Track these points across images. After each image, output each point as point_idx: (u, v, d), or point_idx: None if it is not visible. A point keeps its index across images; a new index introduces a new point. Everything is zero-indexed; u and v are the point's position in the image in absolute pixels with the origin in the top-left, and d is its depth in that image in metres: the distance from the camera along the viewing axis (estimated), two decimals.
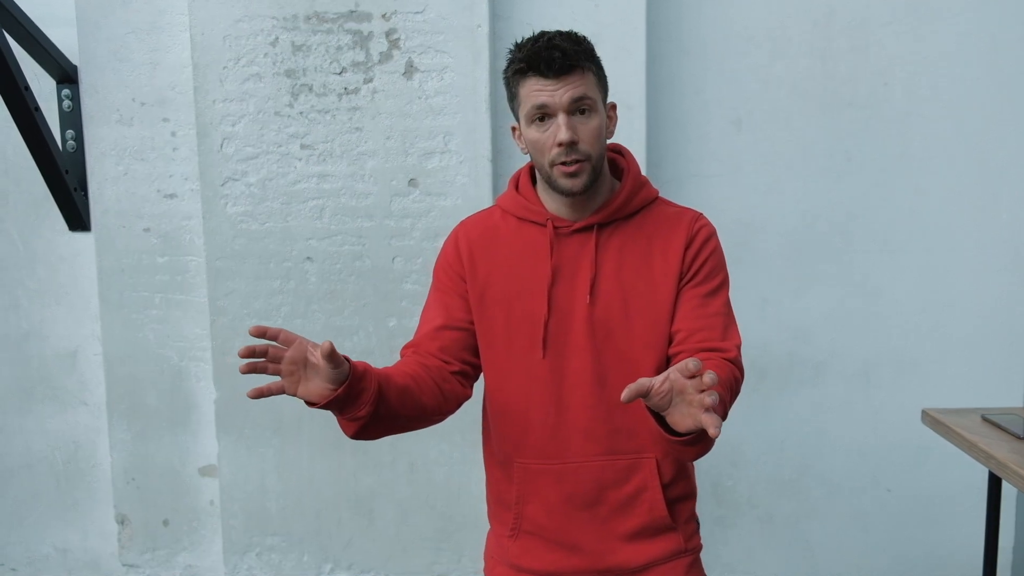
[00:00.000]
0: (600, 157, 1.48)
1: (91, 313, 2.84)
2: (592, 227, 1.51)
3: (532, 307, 1.51)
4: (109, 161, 2.68)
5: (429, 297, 1.62)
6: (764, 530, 2.78)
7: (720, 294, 1.51)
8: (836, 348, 2.70)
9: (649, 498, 1.51)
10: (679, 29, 2.62)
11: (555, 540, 1.54)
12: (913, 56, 2.60)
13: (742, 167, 2.66)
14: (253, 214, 2.55)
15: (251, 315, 2.58)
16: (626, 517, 1.52)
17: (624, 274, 1.49)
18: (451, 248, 1.60)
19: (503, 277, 1.53)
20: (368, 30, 2.46)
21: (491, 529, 1.66)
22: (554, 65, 1.40)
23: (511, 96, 1.51)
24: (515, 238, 1.54)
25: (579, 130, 1.43)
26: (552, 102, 1.42)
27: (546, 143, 1.44)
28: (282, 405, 2.59)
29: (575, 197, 1.48)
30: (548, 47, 1.41)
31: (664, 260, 1.50)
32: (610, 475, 1.51)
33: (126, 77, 2.65)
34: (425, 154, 2.49)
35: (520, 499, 1.55)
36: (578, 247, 1.51)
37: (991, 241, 2.64)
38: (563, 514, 1.53)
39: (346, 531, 2.64)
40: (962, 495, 2.71)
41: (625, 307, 1.48)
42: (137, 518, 2.81)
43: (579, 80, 1.42)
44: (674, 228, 1.52)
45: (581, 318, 1.49)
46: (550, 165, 1.45)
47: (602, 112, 1.47)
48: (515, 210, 1.56)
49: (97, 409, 2.89)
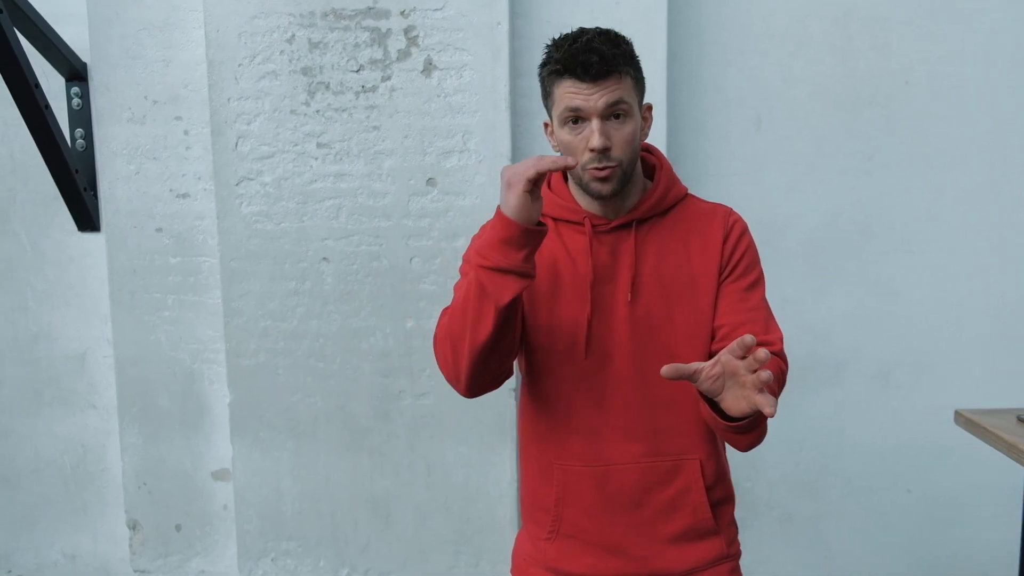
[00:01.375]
0: (632, 162, 1.46)
1: (101, 315, 2.80)
2: (631, 224, 1.49)
3: (574, 307, 1.48)
4: (120, 160, 2.64)
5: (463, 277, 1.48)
6: (783, 531, 2.76)
7: (758, 288, 1.51)
8: (856, 348, 2.68)
9: (693, 500, 1.49)
10: (699, 28, 2.60)
11: (595, 543, 1.51)
12: (934, 55, 2.58)
13: (763, 166, 2.64)
14: (268, 214, 2.52)
15: (266, 316, 2.54)
16: (669, 520, 1.49)
17: (664, 271, 1.48)
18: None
19: (543, 277, 1.49)
20: (386, 27, 2.43)
21: (524, 528, 1.63)
22: (591, 70, 1.37)
23: (545, 94, 1.48)
24: (552, 237, 1.51)
25: (612, 136, 1.41)
26: (587, 106, 1.39)
27: (578, 147, 1.42)
28: (298, 407, 2.57)
29: (605, 199, 1.47)
30: (586, 50, 1.38)
31: (703, 255, 1.49)
32: (653, 477, 1.48)
33: (138, 75, 2.61)
34: (443, 153, 2.46)
35: (559, 502, 1.52)
36: (617, 245, 1.49)
37: (1010, 241, 2.62)
38: (604, 517, 1.50)
39: (363, 535, 2.60)
40: (983, 496, 2.70)
41: (667, 304, 1.47)
42: (149, 523, 2.77)
43: (615, 85, 1.40)
44: (710, 223, 1.51)
45: (622, 316, 1.47)
46: (581, 168, 1.44)
47: (637, 116, 1.45)
48: (550, 209, 1.53)
49: (107, 412, 2.85)
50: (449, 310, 1.43)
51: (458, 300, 1.39)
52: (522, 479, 1.63)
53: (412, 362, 2.52)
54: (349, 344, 2.53)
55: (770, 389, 1.28)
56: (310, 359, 2.55)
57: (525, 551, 1.61)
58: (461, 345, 1.38)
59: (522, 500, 1.64)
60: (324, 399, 2.56)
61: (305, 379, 2.56)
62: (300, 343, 2.54)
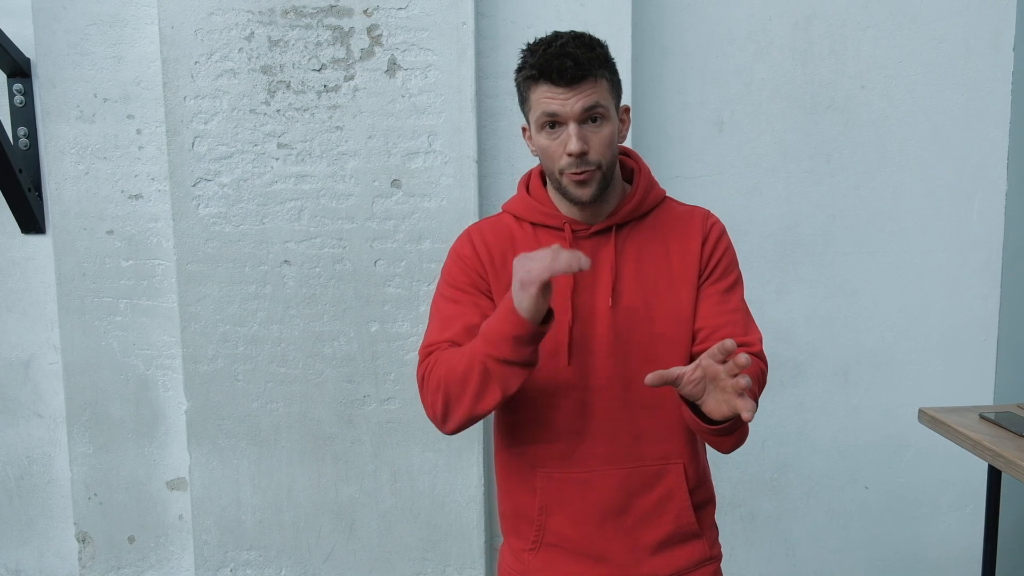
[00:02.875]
0: (611, 165, 1.46)
1: (46, 320, 2.69)
2: (610, 229, 1.49)
3: (556, 313, 1.45)
4: (68, 160, 2.54)
5: (443, 301, 1.51)
6: (746, 529, 2.79)
7: (737, 290, 1.52)
8: (817, 348, 2.72)
9: (676, 505, 1.50)
10: (662, 31, 2.61)
11: (580, 551, 1.50)
12: (890, 60, 2.64)
13: (724, 169, 2.66)
14: (227, 216, 2.44)
15: (225, 321, 2.47)
16: (654, 526, 1.49)
17: (644, 275, 1.48)
18: (467, 249, 1.52)
19: None
20: (349, 26, 2.38)
21: (506, 543, 1.61)
22: (566, 75, 1.37)
23: (521, 99, 1.47)
24: (532, 243, 1.50)
25: (590, 139, 1.40)
26: (563, 111, 1.39)
27: (556, 151, 1.41)
28: (259, 414, 2.50)
29: (584, 204, 1.46)
30: (560, 55, 1.38)
31: (682, 259, 1.49)
32: (636, 482, 1.48)
33: (87, 71, 2.51)
34: (408, 154, 2.42)
35: (544, 510, 1.51)
36: (597, 250, 1.48)
37: (965, 243, 2.70)
38: (590, 524, 1.49)
39: (326, 544, 2.55)
40: (941, 493, 2.77)
41: (647, 308, 1.47)
42: (99, 535, 2.67)
43: (591, 89, 1.39)
44: (688, 226, 1.52)
45: (604, 322, 1.46)
46: (559, 173, 1.43)
47: (614, 119, 1.45)
48: (529, 215, 1.52)
49: (53, 421, 2.74)
50: (444, 366, 1.40)
51: (457, 366, 1.37)
52: (501, 490, 1.60)
53: (377, 367, 2.48)
54: (312, 349, 2.48)
55: (750, 393, 1.29)
56: (271, 364, 2.48)
57: (509, 565, 1.59)
58: (457, 408, 1.39)
59: (502, 512, 1.61)
60: (286, 405, 2.50)
61: (266, 385, 2.49)
62: (261, 348, 2.48)
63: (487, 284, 1.49)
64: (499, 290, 1.48)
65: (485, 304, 1.48)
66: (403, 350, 2.47)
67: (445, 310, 1.49)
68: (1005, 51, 2.64)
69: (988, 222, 2.70)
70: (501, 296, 1.47)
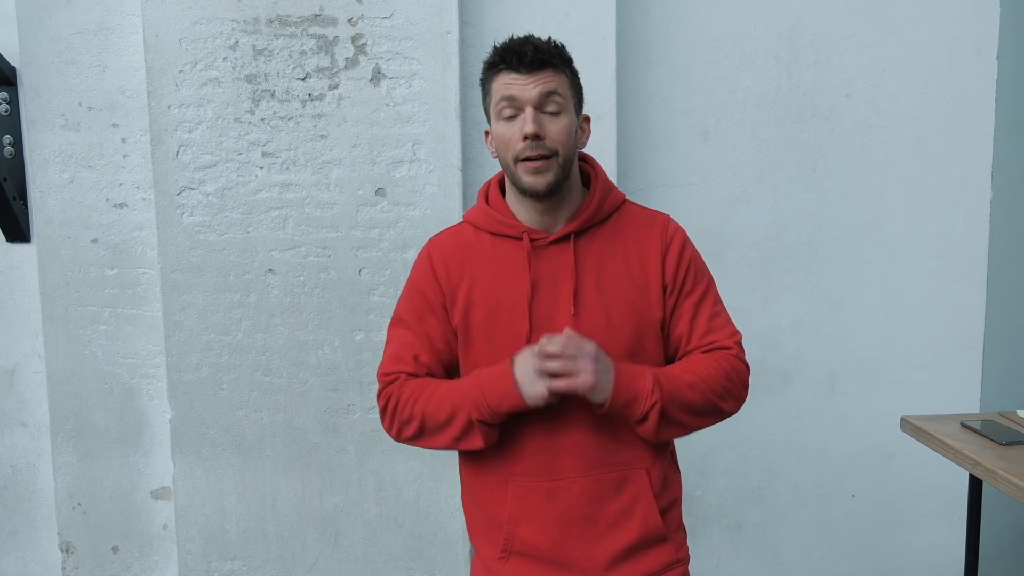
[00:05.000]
0: (568, 159, 1.46)
1: (31, 329, 2.68)
2: (569, 236, 1.49)
3: (514, 324, 1.48)
4: (53, 168, 2.54)
5: (400, 326, 1.56)
6: (732, 538, 2.79)
7: (709, 295, 1.55)
8: (803, 356, 2.73)
9: (642, 510, 1.50)
10: (647, 40, 2.61)
11: (549, 559, 1.50)
12: (875, 69, 2.65)
13: (710, 177, 2.66)
14: (211, 224, 2.44)
15: (209, 330, 2.46)
16: (621, 532, 1.50)
17: (605, 282, 1.49)
18: (425, 266, 1.56)
19: (482, 295, 1.50)
20: (333, 35, 2.38)
21: (476, 554, 1.61)
22: (525, 59, 1.41)
23: (484, 93, 1.50)
24: (491, 253, 1.52)
25: (546, 126, 1.41)
26: (521, 95, 1.41)
27: (512, 137, 1.43)
28: (243, 423, 2.50)
29: (540, 198, 1.46)
30: (522, 42, 1.43)
31: (642, 267, 1.51)
32: (602, 489, 1.49)
33: (71, 80, 2.51)
34: (393, 163, 2.42)
35: (512, 519, 1.51)
36: (557, 258, 1.49)
37: (951, 251, 2.70)
38: (558, 532, 1.49)
39: (311, 553, 2.54)
40: (927, 500, 2.77)
41: (608, 316, 1.48)
42: (83, 545, 2.66)
43: (550, 78, 1.42)
44: (648, 233, 1.53)
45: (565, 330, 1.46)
46: (515, 161, 1.44)
47: (573, 115, 1.46)
48: (488, 225, 1.53)
49: (37, 430, 2.72)
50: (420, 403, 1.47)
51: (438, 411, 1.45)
52: (469, 502, 1.61)
53: (361, 375, 2.47)
54: (296, 358, 2.47)
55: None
56: (256, 373, 2.48)
57: (479, 574, 1.60)
58: (432, 441, 1.49)
59: (471, 524, 1.62)
60: (270, 414, 2.49)
61: (251, 394, 2.49)
62: (245, 357, 2.47)
63: (444, 299, 1.53)
64: (453, 304, 1.52)
65: (436, 329, 1.53)
66: None
67: (400, 338, 1.55)
68: (989, 60, 2.65)
69: (973, 230, 2.70)
70: (457, 309, 1.51)
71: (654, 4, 2.60)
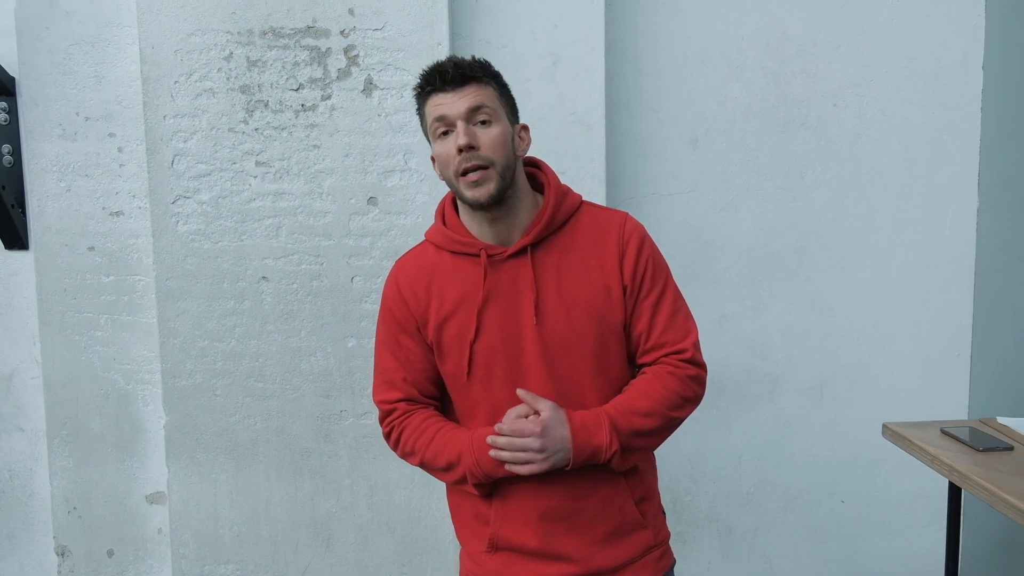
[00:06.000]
0: (506, 167, 1.48)
1: (28, 335, 2.72)
2: (526, 249, 1.52)
3: (463, 328, 1.54)
4: (51, 177, 2.58)
5: (384, 350, 1.63)
6: (723, 544, 2.80)
7: (667, 294, 1.56)
8: (792, 363, 2.75)
9: (619, 503, 1.56)
10: (636, 50, 2.65)
11: (534, 551, 1.56)
12: (862, 79, 2.67)
13: (699, 186, 2.69)
14: (206, 233, 2.48)
15: (203, 336, 2.50)
16: (601, 522, 1.55)
17: (565, 290, 1.52)
18: (393, 292, 1.61)
19: (450, 312, 1.54)
20: (326, 46, 2.42)
21: (464, 550, 1.66)
22: (447, 76, 1.46)
23: (420, 119, 1.54)
24: (453, 272, 1.55)
25: (478, 137, 1.45)
26: (450, 112, 1.46)
27: (449, 152, 1.47)
28: (237, 428, 2.53)
29: (487, 208, 1.49)
30: (444, 63, 1.49)
31: (601, 270, 1.53)
32: (581, 486, 1.53)
33: (69, 90, 2.55)
34: (385, 172, 2.45)
35: (498, 517, 1.56)
36: (516, 271, 1.52)
37: (938, 258, 2.72)
38: (542, 526, 1.55)
39: (303, 557, 2.57)
40: (916, 506, 2.78)
41: (570, 322, 1.51)
42: (79, 549, 2.69)
43: (476, 91, 1.47)
44: (605, 236, 1.55)
45: (531, 340, 1.51)
46: (455, 176, 1.47)
47: (505, 123, 1.50)
48: (447, 244, 1.57)
49: (35, 435, 2.76)
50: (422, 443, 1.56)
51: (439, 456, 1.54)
52: (456, 498, 1.65)
53: (353, 382, 2.50)
54: (289, 364, 2.50)
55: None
56: (249, 379, 2.51)
57: (468, 570, 1.64)
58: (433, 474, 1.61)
59: (457, 520, 1.66)
60: (264, 420, 2.52)
61: (244, 400, 2.52)
62: (239, 363, 2.50)
63: (415, 320, 1.58)
64: (424, 325, 1.57)
65: (413, 350, 1.59)
66: None
67: (385, 362, 1.63)
68: (975, 70, 2.67)
69: (960, 238, 2.72)
70: (429, 329, 1.57)
71: (643, 16, 2.63)
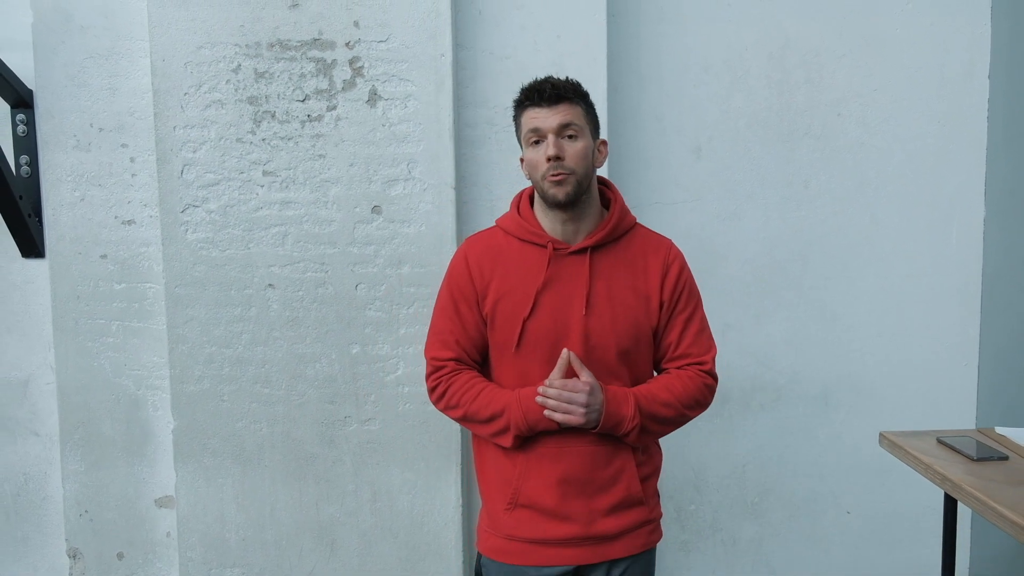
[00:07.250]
0: (585, 176, 1.74)
1: (44, 341, 2.78)
2: (587, 249, 1.77)
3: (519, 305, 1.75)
4: (65, 187, 2.64)
5: (442, 313, 1.84)
6: (727, 553, 2.80)
7: (697, 313, 1.85)
8: (796, 373, 2.74)
9: (627, 477, 1.78)
10: (639, 61, 2.67)
11: (548, 512, 1.76)
12: (866, 88, 2.67)
13: (703, 195, 2.70)
14: (214, 241, 2.52)
15: (211, 343, 2.54)
16: (608, 493, 1.77)
17: (613, 291, 1.77)
18: (461, 264, 1.83)
19: (509, 290, 1.77)
20: (331, 58, 2.46)
21: (484, 508, 1.88)
22: (545, 95, 1.72)
23: (516, 127, 1.80)
24: (518, 256, 1.79)
25: (565, 149, 1.71)
26: (543, 126, 1.71)
27: (539, 160, 1.73)
28: (243, 433, 2.56)
29: (562, 207, 1.74)
30: (543, 82, 1.74)
31: (644, 283, 1.80)
32: (597, 458, 1.76)
33: (83, 102, 2.61)
34: (388, 181, 2.49)
35: (521, 475, 1.77)
36: (575, 266, 1.77)
37: (944, 268, 2.71)
38: (558, 490, 1.75)
39: (308, 562, 2.60)
40: (919, 516, 2.76)
41: (612, 320, 1.76)
42: (90, 551, 2.74)
43: (567, 109, 1.72)
44: (652, 255, 1.82)
45: (577, 328, 1.75)
46: (541, 178, 1.73)
47: (589, 139, 1.75)
48: (518, 231, 1.81)
49: (49, 440, 2.81)
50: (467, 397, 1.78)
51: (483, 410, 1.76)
52: (484, 461, 1.86)
53: (358, 388, 2.53)
54: (295, 370, 2.54)
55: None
56: (255, 385, 2.55)
57: (485, 525, 1.87)
58: (471, 427, 1.84)
59: (483, 480, 1.87)
60: (269, 425, 2.56)
61: (250, 405, 2.56)
62: (245, 369, 2.55)
63: (476, 292, 1.81)
64: (484, 297, 1.80)
65: (469, 317, 1.82)
66: (383, 372, 2.53)
67: (442, 323, 1.85)
68: (980, 79, 2.66)
69: (966, 247, 2.71)
70: (487, 302, 1.79)
71: (645, 26, 2.65)
